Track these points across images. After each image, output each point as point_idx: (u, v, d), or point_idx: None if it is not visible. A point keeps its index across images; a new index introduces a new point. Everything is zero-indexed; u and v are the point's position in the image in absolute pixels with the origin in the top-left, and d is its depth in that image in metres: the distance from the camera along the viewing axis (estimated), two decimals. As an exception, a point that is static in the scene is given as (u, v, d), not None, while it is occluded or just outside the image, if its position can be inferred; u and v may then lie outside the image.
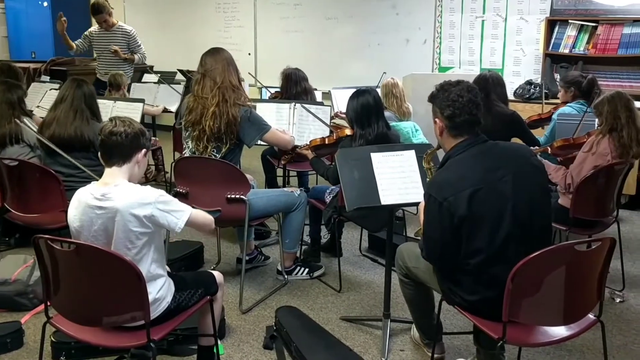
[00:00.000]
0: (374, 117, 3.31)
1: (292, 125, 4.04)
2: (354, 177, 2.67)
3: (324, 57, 7.16)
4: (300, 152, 3.71)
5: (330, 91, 5.46)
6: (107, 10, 5.82)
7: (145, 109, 4.86)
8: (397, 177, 2.67)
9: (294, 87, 4.59)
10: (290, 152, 3.80)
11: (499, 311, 2.03)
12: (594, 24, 5.54)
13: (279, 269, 3.62)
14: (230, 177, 3.18)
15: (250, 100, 3.41)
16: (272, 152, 4.74)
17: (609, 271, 2.20)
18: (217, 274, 2.49)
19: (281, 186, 4.48)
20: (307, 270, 3.64)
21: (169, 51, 8.23)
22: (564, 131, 3.83)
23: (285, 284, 3.55)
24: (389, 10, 6.76)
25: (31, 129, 3.71)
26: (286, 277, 3.58)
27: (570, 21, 5.65)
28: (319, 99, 4.96)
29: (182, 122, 3.37)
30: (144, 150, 2.24)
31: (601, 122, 3.34)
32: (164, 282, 2.24)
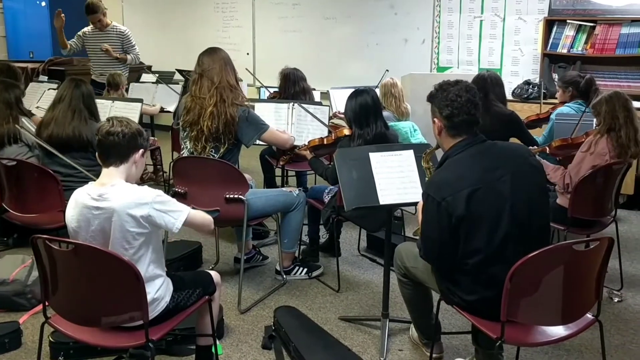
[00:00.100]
0: (372, 117, 3.32)
1: (290, 125, 4.04)
2: (352, 177, 2.67)
3: (322, 57, 7.15)
4: (298, 152, 3.70)
5: (328, 91, 5.46)
6: (102, 10, 5.79)
7: (143, 109, 4.88)
8: (395, 177, 2.67)
9: (292, 87, 4.59)
10: (288, 153, 3.80)
11: (498, 311, 2.03)
12: (592, 24, 5.54)
13: (278, 268, 3.62)
14: (228, 177, 3.18)
15: (248, 100, 3.41)
16: (270, 152, 4.74)
17: (607, 271, 2.20)
18: (215, 274, 2.49)
19: (280, 186, 4.48)
20: (305, 270, 3.64)
21: (168, 51, 8.23)
22: (562, 131, 3.83)
23: (283, 284, 3.55)
24: (387, 10, 6.75)
25: (28, 130, 3.70)
26: (285, 277, 3.58)
27: (568, 21, 5.65)
28: (318, 99, 4.96)
29: (180, 122, 3.37)
30: (141, 150, 2.24)
31: (599, 122, 3.34)
32: (163, 282, 2.23)
